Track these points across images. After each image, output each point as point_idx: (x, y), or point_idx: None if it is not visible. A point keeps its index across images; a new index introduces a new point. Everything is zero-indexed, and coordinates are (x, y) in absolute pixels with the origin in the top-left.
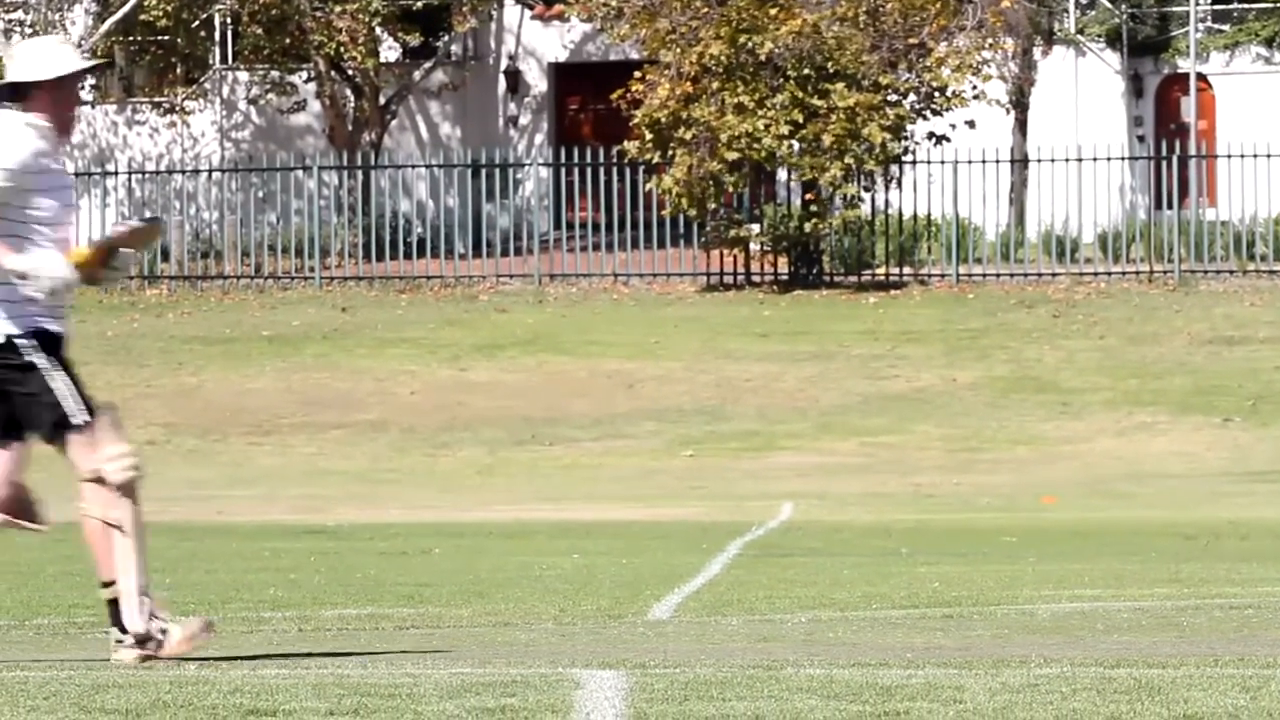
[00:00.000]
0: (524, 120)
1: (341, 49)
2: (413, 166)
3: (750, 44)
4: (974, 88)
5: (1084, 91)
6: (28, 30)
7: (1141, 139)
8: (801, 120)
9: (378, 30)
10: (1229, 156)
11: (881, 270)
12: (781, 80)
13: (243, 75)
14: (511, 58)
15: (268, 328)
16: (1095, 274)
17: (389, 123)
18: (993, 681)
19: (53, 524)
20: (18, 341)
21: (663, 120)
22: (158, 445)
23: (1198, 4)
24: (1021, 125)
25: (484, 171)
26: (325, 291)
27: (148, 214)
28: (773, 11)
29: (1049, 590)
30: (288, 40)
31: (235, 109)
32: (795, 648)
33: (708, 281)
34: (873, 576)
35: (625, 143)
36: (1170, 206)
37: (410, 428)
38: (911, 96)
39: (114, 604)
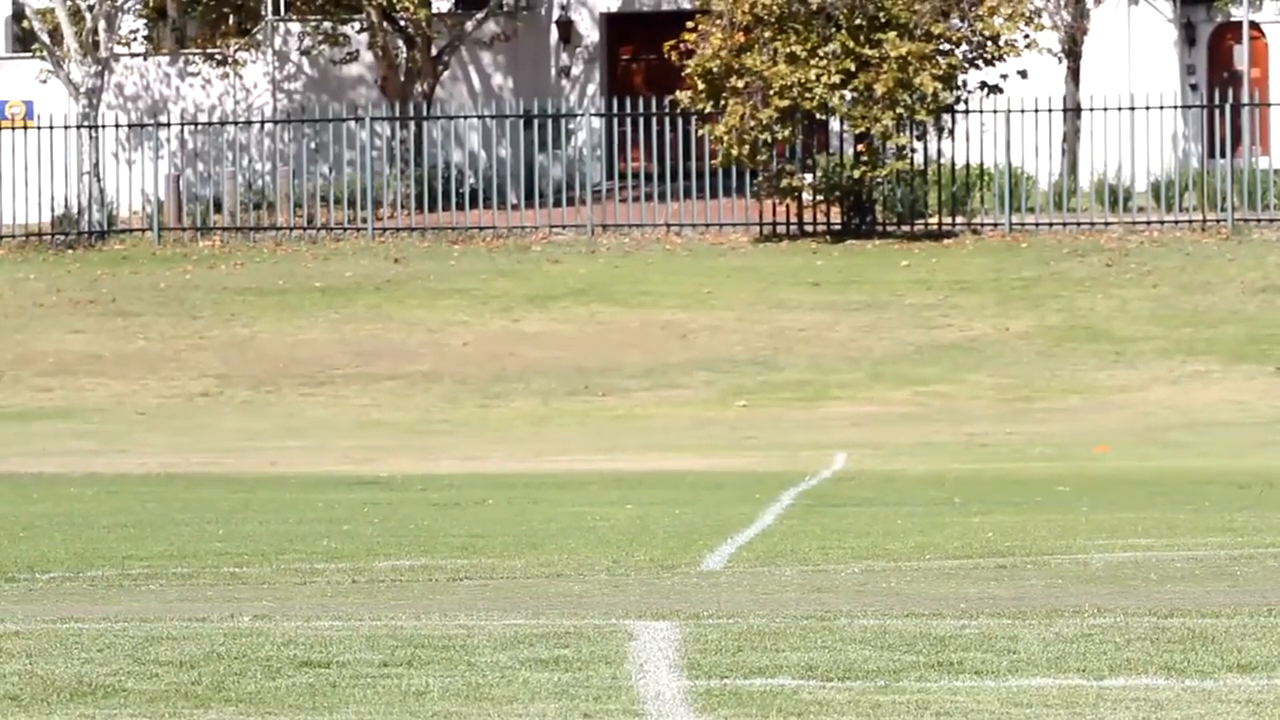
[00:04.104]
0: (576, 71)
1: (393, 0)
2: (465, 117)
3: None
4: (1026, 37)
5: (1136, 40)
6: None
7: (1194, 87)
8: (853, 70)
9: None
10: None
11: (934, 219)
12: (833, 30)
13: (295, 26)
14: (563, 8)
15: (320, 279)
16: (1148, 223)
17: (441, 73)
18: (1047, 631)
19: None
20: None
21: (715, 70)
22: (211, 396)
23: None
24: (1074, 74)
25: (536, 122)
26: (378, 242)
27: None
28: None
29: (1102, 540)
30: None
31: (287, 60)
32: (849, 598)
33: (760, 231)
34: (926, 526)
35: (677, 92)
36: (1223, 155)
37: (463, 378)
38: (963, 46)
39: None
